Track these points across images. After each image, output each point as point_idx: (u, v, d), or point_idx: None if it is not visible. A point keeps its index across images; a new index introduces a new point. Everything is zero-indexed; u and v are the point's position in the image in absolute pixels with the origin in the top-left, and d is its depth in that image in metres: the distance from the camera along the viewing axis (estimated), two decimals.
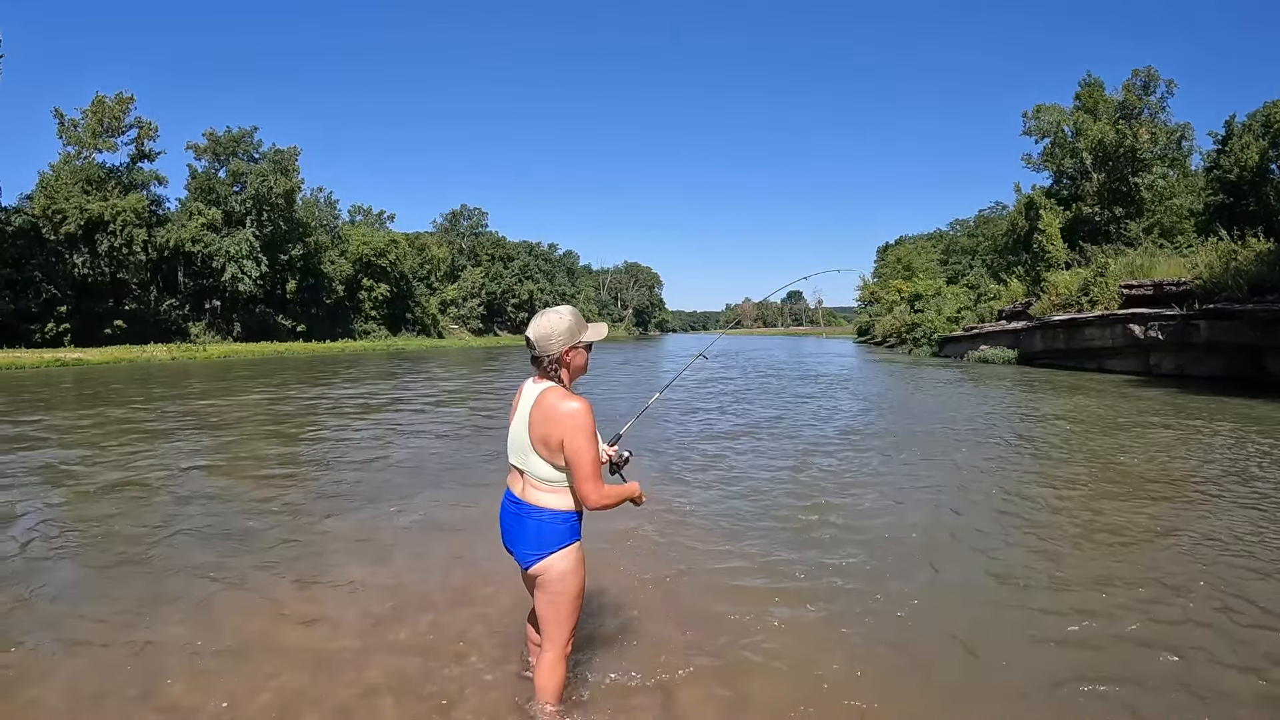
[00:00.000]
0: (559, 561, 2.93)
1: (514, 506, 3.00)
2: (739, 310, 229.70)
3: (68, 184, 47.51)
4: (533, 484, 2.93)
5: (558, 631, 3.02)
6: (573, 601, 2.99)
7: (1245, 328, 17.99)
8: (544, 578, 2.95)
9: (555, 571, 2.93)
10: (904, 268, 67.90)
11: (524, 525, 2.95)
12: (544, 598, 2.98)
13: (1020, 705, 3.34)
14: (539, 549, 2.93)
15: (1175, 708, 3.29)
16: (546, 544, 2.92)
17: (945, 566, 5.13)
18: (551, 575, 2.94)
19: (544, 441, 2.85)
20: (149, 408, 15.49)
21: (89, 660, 3.74)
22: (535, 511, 2.92)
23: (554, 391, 2.88)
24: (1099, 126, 34.31)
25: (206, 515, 6.55)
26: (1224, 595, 4.52)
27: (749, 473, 8.31)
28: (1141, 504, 6.80)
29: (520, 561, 3.01)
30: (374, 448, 10.21)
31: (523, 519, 2.96)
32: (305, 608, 4.41)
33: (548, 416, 2.83)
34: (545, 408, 2.85)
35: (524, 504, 2.95)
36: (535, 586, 3.01)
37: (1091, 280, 25.73)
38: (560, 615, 2.99)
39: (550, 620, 3.00)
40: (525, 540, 2.95)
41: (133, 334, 47.80)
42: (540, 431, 2.85)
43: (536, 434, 2.86)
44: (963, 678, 3.59)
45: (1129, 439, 10.28)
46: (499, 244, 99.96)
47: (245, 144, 59.84)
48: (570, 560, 2.95)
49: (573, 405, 2.81)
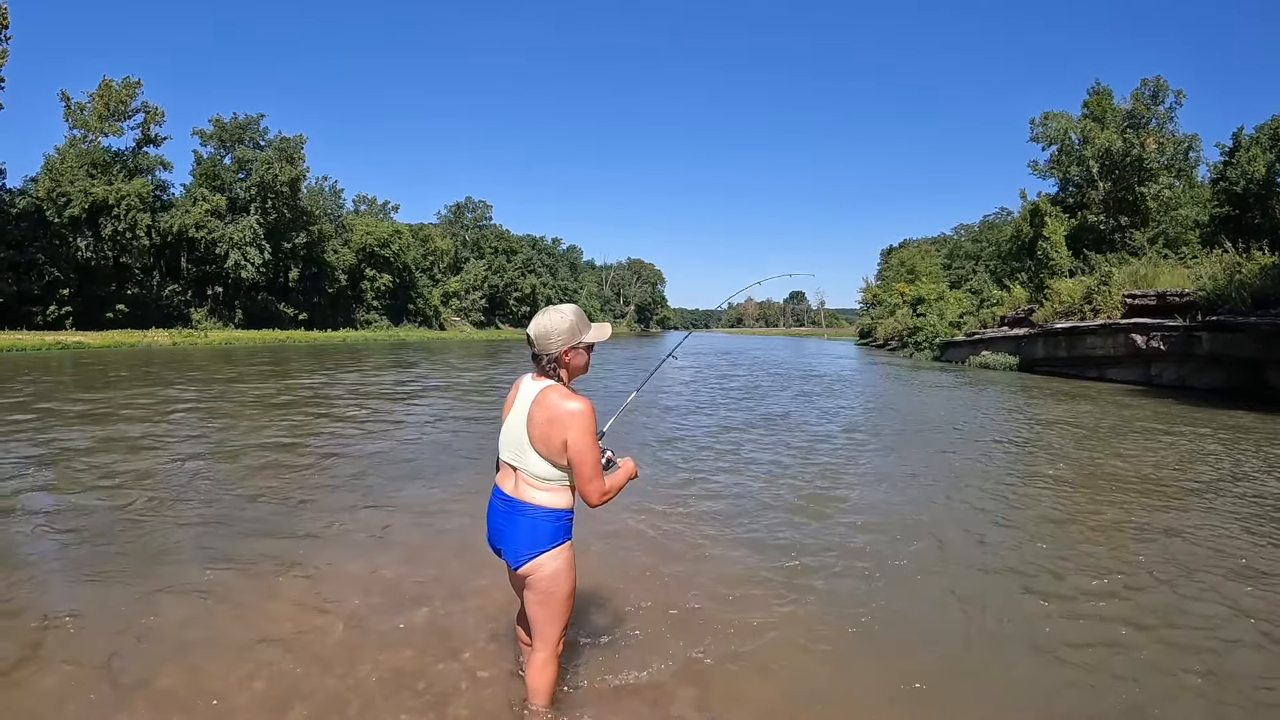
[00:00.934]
0: (551, 560, 2.90)
1: (505, 504, 2.96)
2: (740, 309, 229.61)
3: (73, 167, 47.57)
4: (527, 481, 2.89)
5: (549, 631, 2.98)
6: (564, 601, 2.96)
7: (1247, 340, 17.94)
8: (534, 577, 2.91)
9: (547, 570, 2.90)
10: (907, 271, 67.85)
11: (516, 523, 2.91)
12: (535, 597, 2.94)
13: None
14: (532, 548, 2.89)
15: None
16: (539, 542, 2.88)
17: (943, 562, 5.12)
18: (543, 574, 2.90)
19: (544, 440, 2.82)
20: (151, 393, 15.49)
21: (78, 649, 3.73)
22: (529, 509, 2.89)
23: (556, 390, 2.85)
24: (1106, 135, 34.22)
25: (200, 504, 6.55)
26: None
27: (745, 468, 8.30)
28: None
29: (510, 561, 2.96)
30: (374, 439, 10.20)
31: (515, 517, 2.91)
32: (298, 599, 4.39)
33: (550, 416, 2.80)
34: (547, 406, 2.81)
35: (517, 501, 2.91)
36: (525, 586, 2.97)
37: (1095, 289, 25.66)
38: (552, 615, 2.96)
39: (541, 620, 2.97)
40: (517, 539, 2.91)
41: (134, 318, 47.88)
42: (541, 430, 2.81)
43: (537, 432, 2.83)
44: (959, 682, 3.58)
45: (1118, 444, 10.26)
46: (503, 237, 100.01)
47: (251, 131, 59.91)
48: (562, 559, 2.92)
49: (576, 405, 2.78)
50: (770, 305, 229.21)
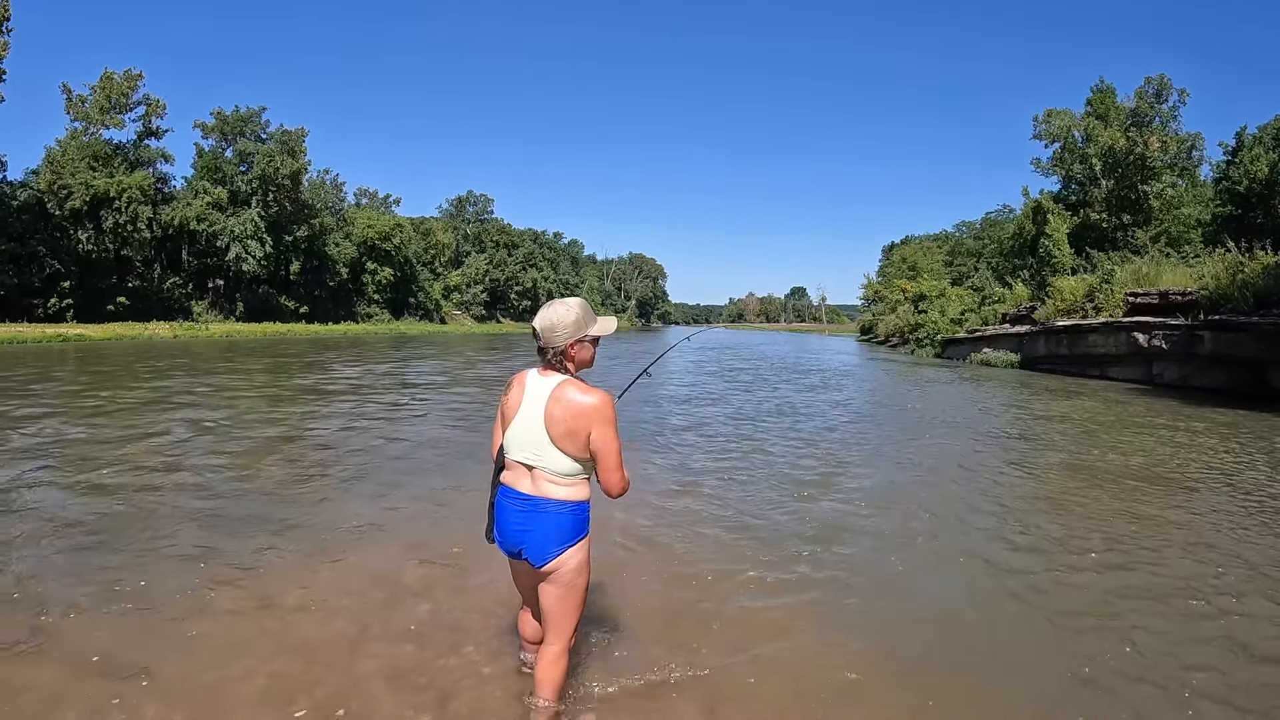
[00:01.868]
0: (577, 554, 2.93)
1: (524, 503, 2.92)
2: (742, 304, 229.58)
3: (74, 159, 47.44)
4: (548, 479, 2.88)
5: (566, 624, 3.00)
6: (584, 593, 3.01)
7: (1249, 340, 17.89)
8: (559, 571, 2.91)
9: (572, 564, 2.92)
10: (909, 267, 67.77)
11: (542, 520, 2.89)
12: (557, 591, 2.94)
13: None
14: (561, 543, 2.89)
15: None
16: (567, 537, 2.90)
17: (953, 558, 5.12)
18: (569, 568, 2.91)
19: (570, 436, 2.81)
20: (153, 385, 15.49)
21: (78, 643, 3.71)
22: (555, 505, 2.88)
23: (572, 385, 2.85)
24: (1109, 133, 34.20)
25: (201, 498, 6.53)
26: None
27: (749, 458, 8.28)
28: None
29: (534, 559, 2.93)
30: (378, 432, 10.18)
31: (538, 515, 2.89)
32: (299, 594, 4.37)
33: (573, 412, 2.80)
34: (568, 403, 2.81)
35: (538, 499, 2.89)
36: (546, 582, 2.95)
37: (1097, 287, 25.62)
38: (571, 608, 2.98)
39: (560, 614, 2.98)
40: (545, 536, 2.89)
41: (135, 311, 47.82)
42: (566, 427, 2.81)
43: (560, 429, 2.82)
44: (969, 678, 3.58)
45: (1112, 439, 10.26)
46: (504, 231, 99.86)
47: (253, 124, 59.77)
48: (585, 552, 2.97)
49: (598, 399, 2.82)
50: (771, 301, 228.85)
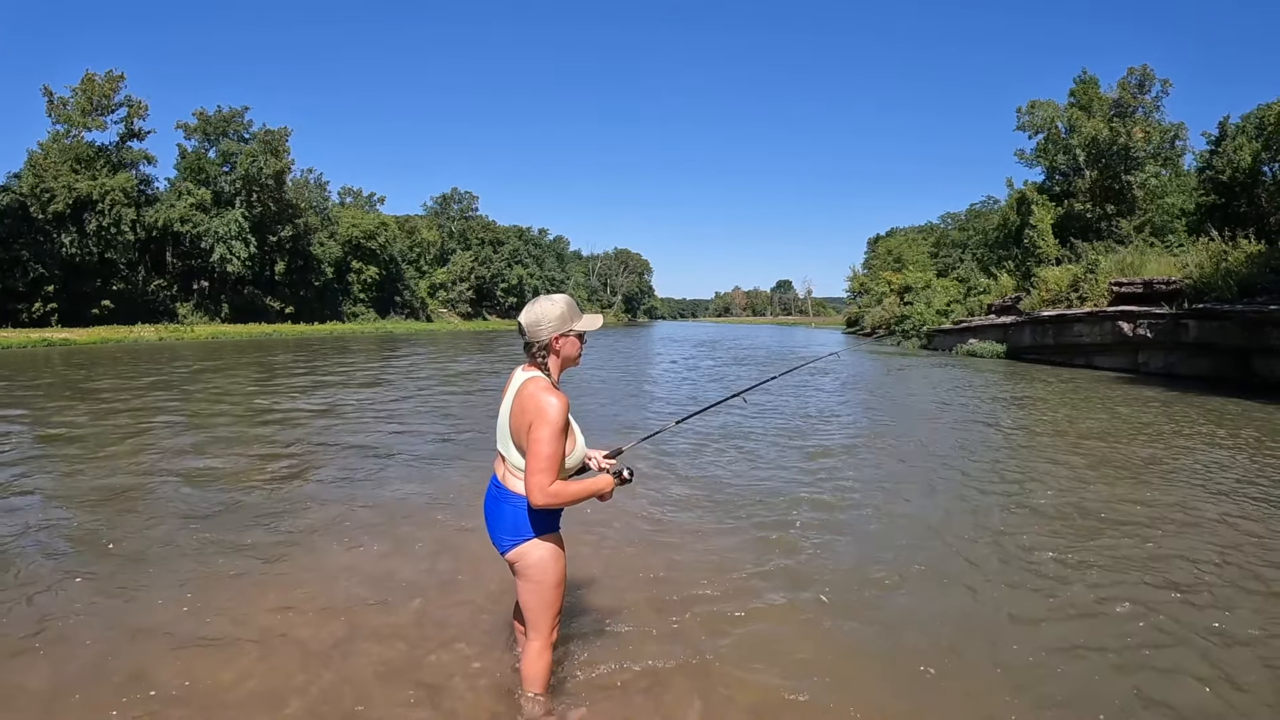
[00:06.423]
0: (535, 549, 2.95)
1: (496, 492, 3.04)
2: (728, 298, 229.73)
3: (56, 162, 46.88)
4: (511, 471, 2.97)
5: (541, 619, 3.03)
6: (553, 590, 3.01)
7: (1234, 328, 18.07)
8: (521, 564, 2.97)
9: (533, 559, 2.95)
10: (894, 259, 67.99)
11: (502, 511, 2.98)
12: (525, 586, 3.01)
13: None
14: (515, 535, 2.95)
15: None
16: (521, 530, 2.94)
17: (942, 548, 5.16)
18: (529, 562, 2.96)
19: (519, 431, 2.88)
20: (141, 388, 15.39)
21: (72, 645, 3.71)
22: (513, 498, 2.95)
23: (535, 382, 2.90)
24: (1093, 124, 34.33)
25: (192, 499, 6.52)
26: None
27: (737, 452, 8.32)
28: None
29: (497, 547, 3.04)
30: (364, 431, 10.15)
31: (501, 504, 2.99)
32: (291, 594, 4.38)
33: (524, 407, 2.85)
34: (524, 398, 2.87)
35: (505, 490, 2.98)
36: (515, 576, 3.04)
37: (1082, 277, 25.78)
38: (542, 603, 3.01)
39: (533, 608, 3.02)
40: (502, 526, 2.98)
41: (120, 314, 47.36)
42: (518, 421, 2.87)
43: (516, 423, 2.89)
44: (960, 667, 3.61)
45: (1094, 423, 10.36)
46: (489, 228, 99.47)
47: (236, 124, 59.22)
48: (547, 548, 2.97)
49: (550, 398, 2.80)
50: (758, 294, 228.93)
